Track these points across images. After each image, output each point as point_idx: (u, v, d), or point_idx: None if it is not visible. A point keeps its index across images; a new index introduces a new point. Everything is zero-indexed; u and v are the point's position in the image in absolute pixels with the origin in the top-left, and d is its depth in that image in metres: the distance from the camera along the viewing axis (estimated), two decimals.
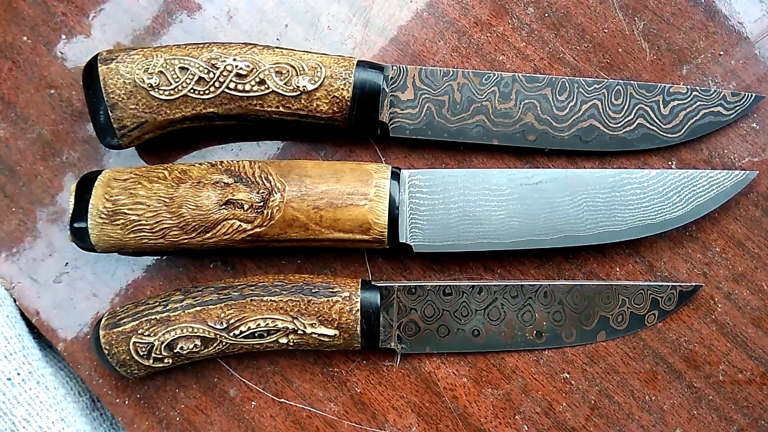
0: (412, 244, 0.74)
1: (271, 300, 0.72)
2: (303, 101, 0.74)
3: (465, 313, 0.75)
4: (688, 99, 0.75)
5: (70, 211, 0.74)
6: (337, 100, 0.74)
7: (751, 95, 0.75)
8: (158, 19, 0.85)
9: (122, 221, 0.74)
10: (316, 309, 0.72)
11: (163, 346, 0.72)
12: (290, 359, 0.79)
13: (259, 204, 0.72)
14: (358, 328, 0.72)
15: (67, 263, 0.82)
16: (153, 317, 0.73)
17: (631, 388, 0.75)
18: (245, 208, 0.73)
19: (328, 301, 0.72)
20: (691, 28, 0.78)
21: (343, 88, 0.74)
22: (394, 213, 0.73)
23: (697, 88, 0.75)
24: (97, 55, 0.75)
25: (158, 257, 0.82)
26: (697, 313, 0.75)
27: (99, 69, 0.74)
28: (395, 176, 0.74)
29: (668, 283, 0.74)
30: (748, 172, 0.73)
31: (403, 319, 0.75)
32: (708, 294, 0.75)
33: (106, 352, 0.73)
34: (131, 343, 0.72)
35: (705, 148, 0.76)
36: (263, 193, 0.73)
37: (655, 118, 0.76)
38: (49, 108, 0.83)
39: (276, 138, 0.82)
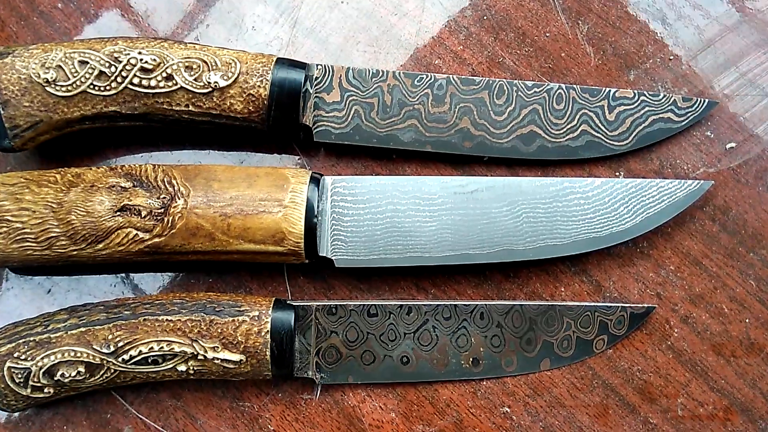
0: (333, 258, 0.66)
1: (167, 320, 0.63)
2: (215, 99, 0.67)
3: (392, 336, 0.66)
4: (636, 104, 0.69)
5: None
6: (253, 99, 0.67)
7: (704, 101, 0.69)
8: (71, 18, 0.79)
9: (5, 229, 0.65)
10: (219, 330, 0.63)
11: (41, 372, 0.62)
12: (195, 392, 0.69)
13: (159, 210, 0.64)
14: (268, 353, 0.63)
15: None
16: (32, 339, 0.63)
17: (580, 424, 0.66)
18: (143, 215, 0.64)
19: (233, 321, 0.63)
20: (639, 32, 0.73)
21: (259, 86, 0.67)
22: (312, 222, 0.65)
23: (645, 93, 0.70)
24: None
25: (51, 273, 0.72)
26: (651, 338, 0.67)
27: None
28: (315, 182, 0.66)
29: (618, 305, 0.67)
30: (702, 181, 0.67)
31: (323, 344, 0.66)
32: (663, 317, 0.67)
33: None
34: (5, 369, 0.62)
35: (655, 157, 0.70)
36: (164, 198, 0.65)
37: (600, 125, 0.69)
38: None
39: (191, 144, 0.74)
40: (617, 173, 0.70)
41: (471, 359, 0.66)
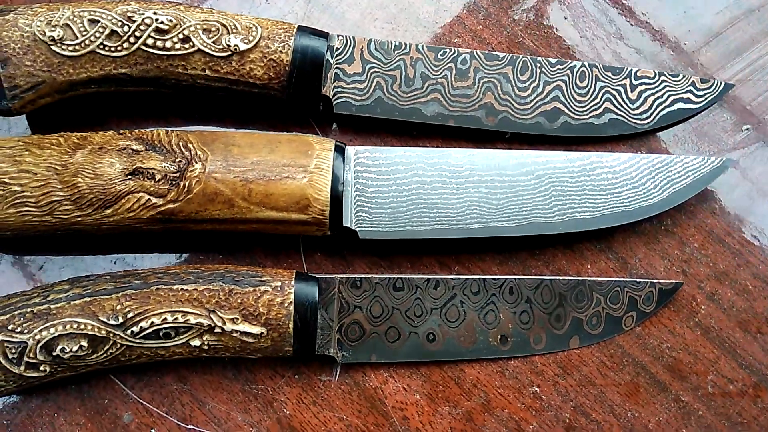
0: (357, 229, 0.63)
1: (182, 289, 0.58)
2: (234, 63, 0.64)
3: (419, 312, 0.63)
4: (657, 84, 0.70)
5: None
6: (275, 64, 0.64)
7: (721, 82, 0.70)
8: None
9: (1, 192, 0.60)
10: (239, 300, 0.59)
11: (38, 347, 0.57)
12: (203, 375, 0.64)
13: (175, 174, 0.60)
14: (291, 326, 0.59)
15: None
16: (29, 310, 0.57)
17: (611, 403, 0.64)
18: (157, 179, 0.60)
19: (254, 291, 0.59)
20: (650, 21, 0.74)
21: (281, 51, 0.64)
22: (338, 190, 0.62)
23: (665, 72, 0.70)
24: None
25: (40, 255, 0.67)
26: (678, 315, 0.66)
27: None
28: (340, 152, 0.64)
29: (647, 280, 0.65)
30: (724, 158, 0.67)
31: (345, 319, 0.62)
32: (689, 294, 0.66)
33: None
34: None
35: (676, 137, 0.71)
36: (180, 162, 0.61)
37: (623, 103, 0.69)
38: None
39: (201, 116, 0.71)
40: (639, 152, 0.70)
41: (499, 336, 0.64)
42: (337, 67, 0.68)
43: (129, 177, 0.60)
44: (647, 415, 0.63)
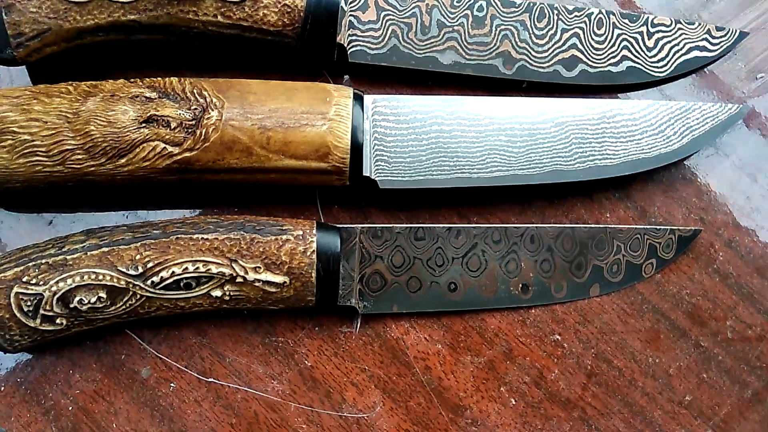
0: (377, 178, 0.62)
1: (203, 238, 0.57)
2: (247, 9, 0.62)
3: (440, 261, 0.62)
4: (673, 31, 0.69)
5: None
6: (289, 10, 0.63)
7: (736, 31, 0.70)
8: None
9: (10, 142, 0.58)
10: (261, 249, 0.57)
11: (55, 298, 0.55)
12: (222, 328, 0.63)
13: (191, 122, 0.59)
14: (314, 275, 0.58)
15: None
16: (44, 261, 0.56)
17: (632, 349, 0.64)
18: (172, 127, 0.59)
19: (276, 239, 0.58)
20: None
21: None
22: (357, 139, 0.61)
23: (681, 20, 0.70)
24: None
25: (48, 211, 0.65)
26: (697, 262, 0.66)
27: None
28: (358, 100, 0.62)
29: (666, 227, 0.65)
30: (741, 105, 0.67)
31: (366, 269, 0.61)
32: (707, 241, 0.66)
33: None
34: (13, 295, 0.55)
35: (691, 86, 0.70)
36: (195, 109, 0.59)
37: (640, 51, 0.69)
38: None
39: (210, 67, 0.69)
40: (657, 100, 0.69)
41: (520, 285, 0.64)
42: (351, 15, 0.66)
43: (143, 125, 0.58)
44: (668, 360, 0.64)
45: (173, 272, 0.56)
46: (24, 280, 0.55)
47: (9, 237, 0.64)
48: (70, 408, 0.60)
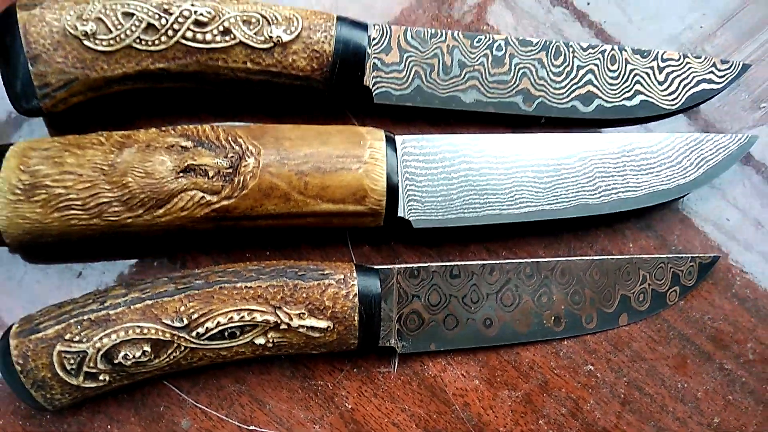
0: (411, 219, 0.63)
1: (246, 287, 0.57)
2: (276, 55, 0.63)
3: (475, 298, 0.63)
4: (682, 66, 0.72)
5: None
6: (317, 55, 0.63)
7: (740, 63, 0.73)
8: None
9: (44, 196, 0.57)
10: (304, 295, 0.58)
11: (99, 355, 0.54)
12: (260, 375, 0.63)
13: (228, 170, 0.59)
14: (357, 318, 0.59)
15: None
16: (86, 318, 0.55)
17: (661, 376, 0.66)
18: (210, 176, 0.59)
19: (319, 284, 0.58)
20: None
21: (324, 41, 0.63)
22: (392, 180, 0.62)
23: (689, 54, 0.73)
24: (15, 2, 0.61)
25: (77, 259, 0.64)
26: (716, 288, 0.68)
27: (18, 15, 0.60)
28: (390, 141, 0.63)
29: (687, 255, 0.68)
30: (750, 135, 0.70)
31: (404, 309, 0.62)
32: (725, 267, 0.69)
33: (18, 368, 0.54)
34: (55, 354, 0.54)
35: (701, 117, 0.73)
36: (233, 157, 0.59)
37: (652, 85, 0.72)
38: None
39: (234, 111, 0.69)
40: (668, 132, 0.72)
41: (553, 318, 0.65)
42: (375, 57, 0.67)
43: (181, 175, 0.58)
44: (695, 384, 0.66)
45: (218, 322, 0.56)
46: (66, 337, 0.54)
47: (39, 292, 0.63)
48: None
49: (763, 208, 0.71)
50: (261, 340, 0.58)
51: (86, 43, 0.60)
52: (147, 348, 0.55)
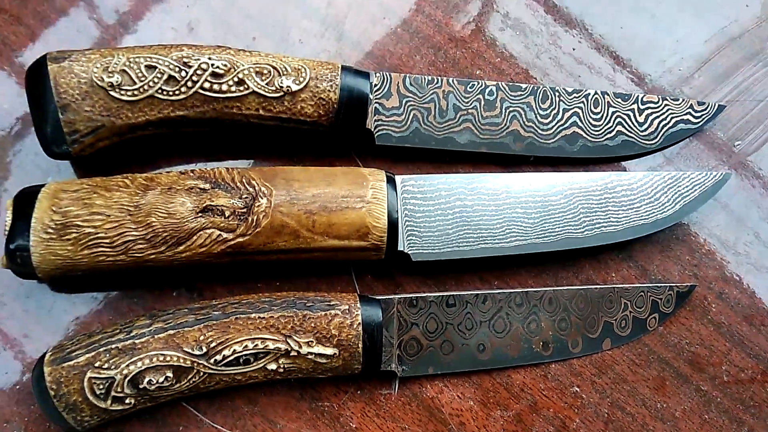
0: (410, 252, 0.68)
1: (259, 317, 0.63)
2: (286, 103, 0.69)
3: (469, 325, 0.69)
4: (660, 107, 0.78)
5: (6, 230, 0.63)
6: (324, 103, 0.69)
7: (715, 104, 0.79)
8: (110, 30, 0.78)
9: (74, 235, 0.63)
10: (312, 325, 0.63)
11: (126, 381, 0.60)
12: (271, 396, 0.68)
13: (242, 210, 0.64)
14: (360, 346, 0.64)
15: None
16: (114, 346, 0.60)
17: (642, 396, 0.71)
18: (226, 215, 0.64)
19: (325, 315, 0.64)
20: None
21: (329, 90, 0.69)
22: (393, 218, 0.67)
23: (667, 97, 0.79)
24: (45, 55, 0.67)
25: (104, 290, 0.70)
26: (693, 314, 0.74)
27: (49, 67, 0.65)
28: (390, 181, 0.69)
29: (665, 284, 0.73)
30: (724, 172, 0.76)
31: (404, 336, 0.67)
32: (701, 294, 0.74)
33: (52, 393, 0.59)
34: (86, 380, 0.59)
35: (678, 155, 0.79)
36: (247, 198, 0.65)
37: (632, 126, 0.77)
38: None
39: (247, 152, 0.75)
40: (648, 169, 0.78)
41: (541, 343, 0.70)
42: (376, 102, 0.73)
43: (200, 215, 0.64)
44: (674, 405, 0.71)
45: (234, 350, 0.61)
46: (96, 365, 0.60)
47: (67, 320, 0.68)
48: None
49: (737, 239, 0.76)
50: (273, 366, 0.63)
51: (112, 93, 0.66)
52: (169, 374, 0.60)
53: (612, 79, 0.81)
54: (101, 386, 0.60)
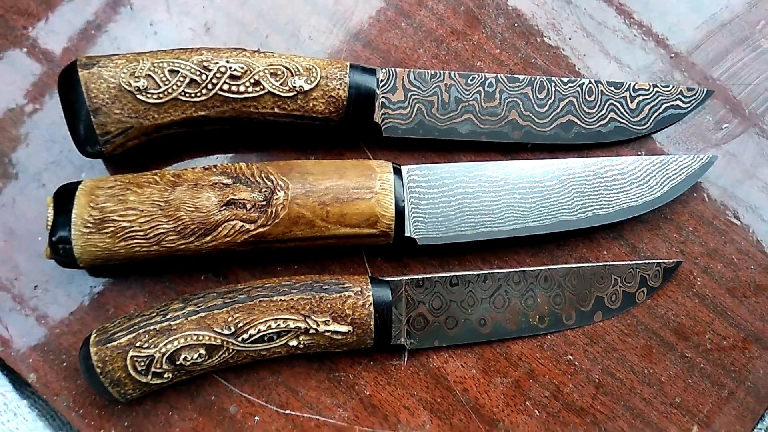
0: (416, 237, 0.75)
1: (281, 300, 0.69)
2: (299, 102, 0.74)
3: (471, 302, 0.76)
4: (651, 94, 0.83)
5: (48, 224, 0.69)
6: (334, 100, 0.75)
7: (704, 89, 0.84)
8: (135, 32, 0.83)
9: (112, 229, 0.69)
10: (328, 305, 0.70)
11: (164, 358, 0.67)
12: (293, 368, 0.76)
13: (263, 203, 0.71)
14: (372, 323, 0.71)
15: (36, 286, 0.75)
16: (152, 328, 0.68)
17: (630, 363, 0.78)
18: (248, 208, 0.71)
19: (340, 296, 0.70)
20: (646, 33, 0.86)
21: (339, 88, 0.75)
22: (399, 206, 0.73)
23: (658, 84, 0.83)
24: (75, 61, 0.72)
25: (138, 275, 0.77)
26: (679, 287, 0.80)
27: (79, 73, 0.71)
28: (396, 172, 0.75)
29: (653, 261, 0.79)
30: (710, 155, 0.81)
31: (412, 313, 0.74)
32: (687, 269, 0.80)
33: (98, 370, 0.67)
34: (128, 358, 0.67)
35: (669, 138, 0.84)
36: (266, 191, 0.71)
37: (624, 113, 0.82)
38: None
39: (263, 146, 0.81)
40: (639, 153, 0.83)
41: (537, 317, 0.77)
42: (383, 97, 0.78)
43: (224, 207, 0.70)
44: (660, 370, 0.78)
45: (259, 329, 0.68)
46: (137, 345, 0.67)
47: (105, 303, 0.76)
48: None
49: (723, 217, 0.82)
50: (294, 342, 0.70)
51: (139, 96, 0.71)
52: (202, 351, 0.68)
53: (606, 67, 0.85)
54: (142, 363, 0.67)
